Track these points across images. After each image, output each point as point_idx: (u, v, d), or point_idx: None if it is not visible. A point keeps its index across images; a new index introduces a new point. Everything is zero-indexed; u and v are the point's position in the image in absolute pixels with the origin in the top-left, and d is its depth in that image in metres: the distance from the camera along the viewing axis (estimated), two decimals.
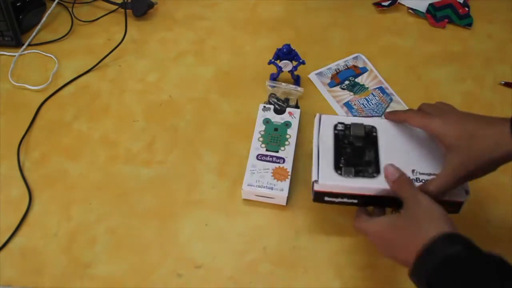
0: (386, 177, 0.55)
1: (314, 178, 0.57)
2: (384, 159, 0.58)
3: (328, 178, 0.57)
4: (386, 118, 0.61)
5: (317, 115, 0.62)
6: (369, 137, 0.60)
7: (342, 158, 0.58)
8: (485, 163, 0.51)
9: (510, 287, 0.39)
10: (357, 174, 0.57)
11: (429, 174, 0.56)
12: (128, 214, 0.66)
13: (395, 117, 0.60)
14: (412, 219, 0.48)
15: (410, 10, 0.91)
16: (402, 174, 0.54)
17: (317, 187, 0.57)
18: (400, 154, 0.58)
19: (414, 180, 0.56)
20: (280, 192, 0.64)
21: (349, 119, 0.62)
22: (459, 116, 0.54)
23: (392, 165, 0.55)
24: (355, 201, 0.57)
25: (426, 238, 0.44)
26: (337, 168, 0.58)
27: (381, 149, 0.59)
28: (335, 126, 0.61)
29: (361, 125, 0.61)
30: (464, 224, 0.64)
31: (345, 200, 0.58)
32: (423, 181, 0.55)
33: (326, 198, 0.58)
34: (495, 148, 0.49)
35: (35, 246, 0.63)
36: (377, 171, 0.57)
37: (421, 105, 0.59)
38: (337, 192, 0.57)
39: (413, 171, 0.57)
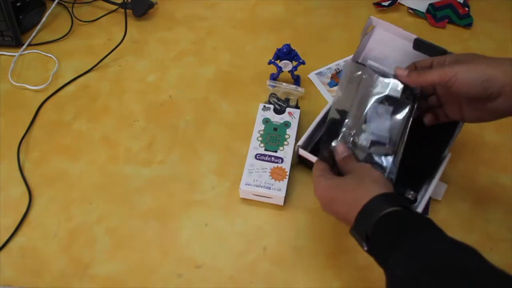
0: (336, 153, 0.57)
1: (299, 143, 0.64)
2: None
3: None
4: (411, 83, 0.56)
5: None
6: None
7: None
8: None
9: (432, 236, 0.44)
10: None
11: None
12: (128, 214, 0.66)
13: (423, 81, 0.54)
14: (356, 181, 0.52)
15: (410, 10, 0.91)
16: (350, 154, 0.57)
17: (301, 152, 0.64)
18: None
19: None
20: (277, 192, 0.64)
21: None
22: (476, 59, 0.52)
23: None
24: None
25: (367, 198, 0.48)
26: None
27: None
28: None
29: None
30: (464, 224, 0.65)
31: None
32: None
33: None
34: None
35: (35, 246, 0.63)
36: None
37: (434, 60, 0.56)
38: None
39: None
